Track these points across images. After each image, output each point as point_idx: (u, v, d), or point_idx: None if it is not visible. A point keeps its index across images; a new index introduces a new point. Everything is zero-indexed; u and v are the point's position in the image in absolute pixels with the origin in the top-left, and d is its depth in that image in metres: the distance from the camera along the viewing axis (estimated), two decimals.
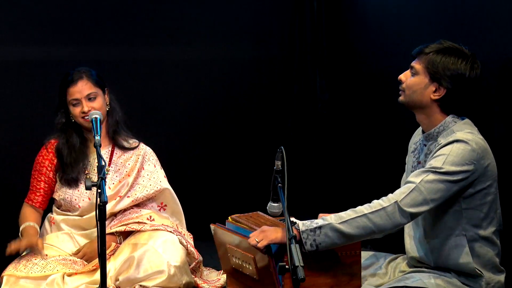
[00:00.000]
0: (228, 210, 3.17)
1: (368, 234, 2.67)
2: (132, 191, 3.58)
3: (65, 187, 3.53)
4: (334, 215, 2.70)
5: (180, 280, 3.36)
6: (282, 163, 2.72)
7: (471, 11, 3.58)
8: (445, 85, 2.76)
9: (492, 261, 2.80)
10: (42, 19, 4.17)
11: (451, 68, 2.76)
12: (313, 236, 2.65)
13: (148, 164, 3.62)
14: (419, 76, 2.81)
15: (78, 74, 3.49)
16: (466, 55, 2.78)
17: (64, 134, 3.55)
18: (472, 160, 2.69)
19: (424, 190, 2.66)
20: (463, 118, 2.84)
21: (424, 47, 2.83)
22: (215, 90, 4.65)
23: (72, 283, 3.31)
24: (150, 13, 4.44)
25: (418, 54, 2.84)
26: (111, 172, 3.56)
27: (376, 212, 2.65)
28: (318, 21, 4.79)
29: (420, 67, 2.81)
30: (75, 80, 3.47)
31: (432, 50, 2.79)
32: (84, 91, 3.46)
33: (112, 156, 3.59)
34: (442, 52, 2.78)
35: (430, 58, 2.78)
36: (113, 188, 3.54)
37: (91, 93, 3.47)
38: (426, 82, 2.80)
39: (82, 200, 3.53)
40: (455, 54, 2.78)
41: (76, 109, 3.47)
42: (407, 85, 2.84)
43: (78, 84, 3.46)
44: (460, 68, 2.76)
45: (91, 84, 3.48)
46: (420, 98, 2.81)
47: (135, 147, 3.62)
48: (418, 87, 2.81)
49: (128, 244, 3.46)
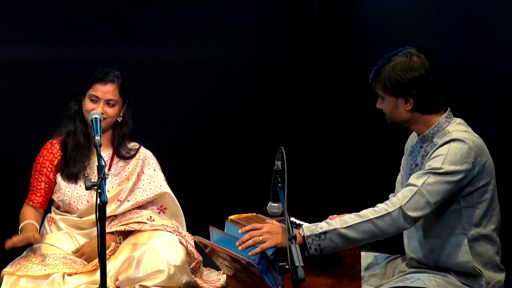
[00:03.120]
0: (228, 211, 3.18)
1: (372, 238, 2.68)
2: (132, 195, 3.58)
3: (64, 188, 3.53)
4: (338, 219, 2.70)
5: (180, 280, 3.36)
6: (282, 163, 2.72)
7: (471, 11, 3.58)
8: (410, 94, 2.78)
9: (492, 259, 2.80)
10: (42, 19, 4.16)
11: (405, 76, 2.77)
12: (318, 241, 2.65)
13: (148, 168, 3.62)
14: (385, 99, 2.85)
15: (112, 77, 3.48)
16: (409, 54, 2.78)
17: (72, 122, 3.53)
18: (470, 158, 2.70)
19: (426, 193, 2.67)
20: (456, 118, 2.85)
21: (374, 71, 2.86)
22: (215, 90, 4.64)
23: (72, 283, 3.31)
24: (150, 13, 4.43)
25: (373, 81, 2.87)
26: (111, 175, 3.56)
27: (382, 218, 2.66)
28: (318, 21, 4.79)
29: (380, 91, 2.86)
30: (107, 80, 3.46)
31: (381, 70, 2.81)
32: (108, 95, 3.45)
33: (113, 160, 3.59)
34: (390, 66, 2.79)
35: (383, 79, 2.81)
36: (111, 191, 3.53)
37: (112, 99, 3.46)
38: (393, 101, 2.83)
39: (80, 202, 3.52)
40: (400, 60, 2.78)
41: (91, 105, 3.45)
42: (384, 110, 2.89)
43: (107, 85, 3.45)
44: (412, 70, 2.76)
45: (117, 91, 3.48)
46: (400, 116, 2.85)
47: (134, 155, 3.61)
48: (391, 109, 2.85)
49: (128, 244, 3.46)
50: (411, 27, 4.02)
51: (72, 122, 3.54)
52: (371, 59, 4.40)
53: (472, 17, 3.58)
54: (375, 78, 2.85)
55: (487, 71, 3.50)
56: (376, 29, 4.39)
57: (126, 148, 3.59)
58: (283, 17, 4.80)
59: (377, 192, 3.20)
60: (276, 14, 4.78)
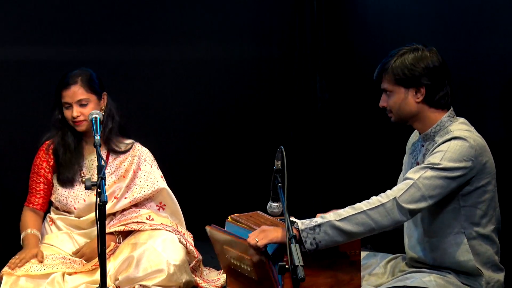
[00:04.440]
0: (228, 210, 3.17)
1: (368, 231, 2.67)
2: (129, 192, 3.58)
3: (61, 189, 3.53)
4: (333, 213, 2.71)
5: (179, 279, 3.36)
6: (282, 162, 2.72)
7: (471, 11, 3.58)
8: (422, 83, 2.78)
9: (491, 259, 2.80)
10: (42, 19, 4.16)
11: (416, 65, 2.78)
12: (313, 234, 2.65)
13: (144, 165, 3.62)
14: (394, 92, 2.83)
15: (73, 78, 3.48)
16: (418, 48, 2.80)
17: (60, 131, 3.55)
18: (470, 156, 2.69)
19: (422, 187, 2.67)
20: (459, 117, 2.85)
21: (381, 65, 2.85)
22: (215, 90, 4.64)
23: (72, 282, 3.31)
24: (150, 13, 4.43)
25: (380, 75, 2.86)
26: (107, 173, 3.56)
27: (375, 209, 2.66)
28: (318, 21, 4.79)
29: (389, 85, 2.83)
30: (69, 83, 3.46)
31: (389, 63, 2.81)
32: (76, 96, 3.45)
33: (108, 157, 3.59)
34: (399, 58, 2.80)
35: (393, 70, 2.80)
36: (108, 189, 3.52)
37: (82, 99, 3.46)
38: (403, 92, 2.81)
39: (77, 202, 3.53)
40: (409, 53, 2.80)
41: (67, 112, 3.48)
42: (390, 106, 2.86)
43: (71, 89, 3.45)
44: (423, 60, 2.78)
45: (83, 90, 3.46)
46: (408, 109, 2.83)
47: (128, 150, 3.61)
48: (400, 102, 2.83)
49: (127, 243, 3.46)
50: (411, 27, 4.02)
51: (59, 130, 3.55)
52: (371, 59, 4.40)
53: (472, 17, 3.58)
54: (383, 71, 2.83)
55: (487, 71, 3.50)
56: (376, 29, 4.39)
57: (116, 142, 3.58)
58: (283, 17, 4.80)
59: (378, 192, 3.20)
60: (276, 14, 4.78)
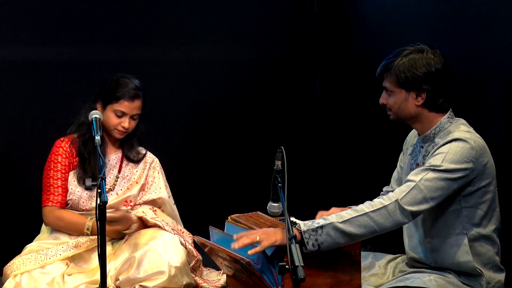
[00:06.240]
0: (228, 210, 3.17)
1: (370, 233, 2.67)
2: (139, 197, 3.59)
3: (74, 188, 3.49)
4: (335, 215, 2.70)
5: (180, 281, 3.36)
6: (282, 163, 2.72)
7: (471, 11, 3.58)
8: (423, 88, 2.77)
9: (492, 259, 2.80)
10: (42, 19, 4.16)
11: (419, 70, 2.76)
12: (315, 235, 2.65)
13: (152, 171, 3.64)
14: (395, 93, 2.82)
15: (138, 92, 3.45)
16: (423, 50, 2.78)
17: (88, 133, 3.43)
18: (471, 158, 2.69)
19: (424, 189, 2.66)
20: (458, 118, 2.84)
21: (384, 64, 2.83)
22: (215, 91, 4.64)
23: (72, 282, 3.31)
24: (150, 13, 4.43)
25: (382, 73, 2.84)
26: (120, 178, 3.56)
27: (377, 211, 2.65)
28: (318, 21, 4.79)
29: (391, 85, 2.82)
30: (134, 96, 3.43)
31: (393, 63, 2.79)
32: (135, 110, 3.45)
33: (122, 162, 3.58)
34: (403, 59, 2.78)
35: (396, 72, 2.78)
36: (121, 194, 3.54)
37: (138, 114, 3.47)
38: (404, 95, 2.81)
39: (90, 203, 3.49)
40: (414, 54, 2.78)
41: (116, 120, 3.43)
42: (390, 105, 2.86)
43: (135, 102, 3.44)
44: (427, 64, 2.76)
45: (141, 106, 3.48)
46: (407, 111, 2.83)
47: (141, 159, 3.61)
48: (400, 103, 2.83)
49: (128, 244, 3.46)
50: (411, 27, 4.03)
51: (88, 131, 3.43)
52: (371, 59, 4.40)
53: (472, 17, 3.58)
54: (386, 71, 2.81)
55: (487, 71, 3.50)
56: (376, 29, 4.39)
57: (135, 151, 3.59)
58: (283, 17, 4.80)
59: (378, 191, 3.20)
60: (276, 14, 4.78)
